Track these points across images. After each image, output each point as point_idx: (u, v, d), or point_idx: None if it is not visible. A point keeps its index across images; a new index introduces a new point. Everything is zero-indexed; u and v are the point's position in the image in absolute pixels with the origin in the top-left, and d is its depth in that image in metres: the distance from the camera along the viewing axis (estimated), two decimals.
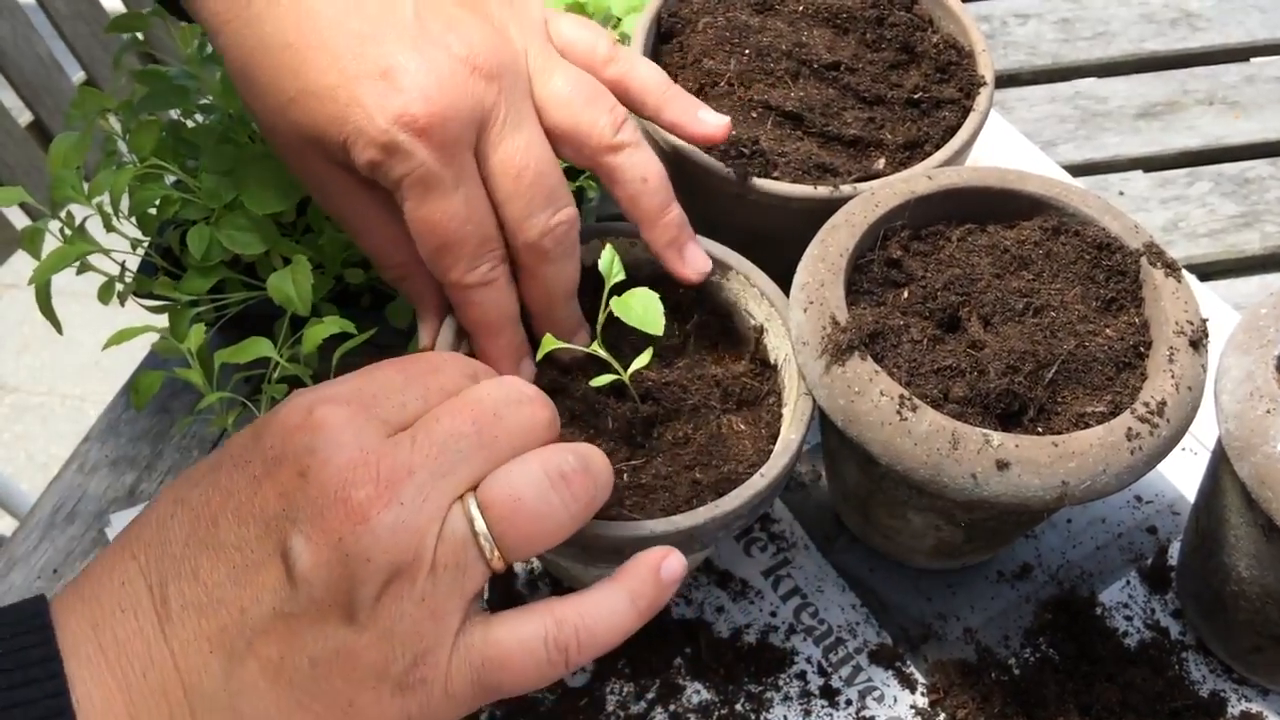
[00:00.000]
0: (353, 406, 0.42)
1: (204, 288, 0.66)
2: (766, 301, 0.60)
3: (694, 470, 0.55)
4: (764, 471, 0.53)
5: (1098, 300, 0.58)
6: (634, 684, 0.62)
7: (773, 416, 0.59)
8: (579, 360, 0.58)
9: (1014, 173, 0.62)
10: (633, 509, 0.53)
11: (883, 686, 0.62)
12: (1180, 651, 0.63)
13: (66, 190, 0.66)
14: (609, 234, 0.61)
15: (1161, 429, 0.52)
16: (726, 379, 0.59)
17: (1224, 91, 1.01)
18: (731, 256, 0.61)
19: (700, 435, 0.57)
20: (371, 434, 0.41)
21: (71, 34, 1.20)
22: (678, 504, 0.53)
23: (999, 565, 0.67)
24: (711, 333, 0.62)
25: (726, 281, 0.61)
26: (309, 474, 0.40)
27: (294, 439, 0.41)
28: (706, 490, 0.54)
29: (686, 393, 0.58)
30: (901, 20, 0.72)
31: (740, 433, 0.58)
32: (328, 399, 0.42)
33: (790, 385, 0.58)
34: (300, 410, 0.41)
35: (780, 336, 0.59)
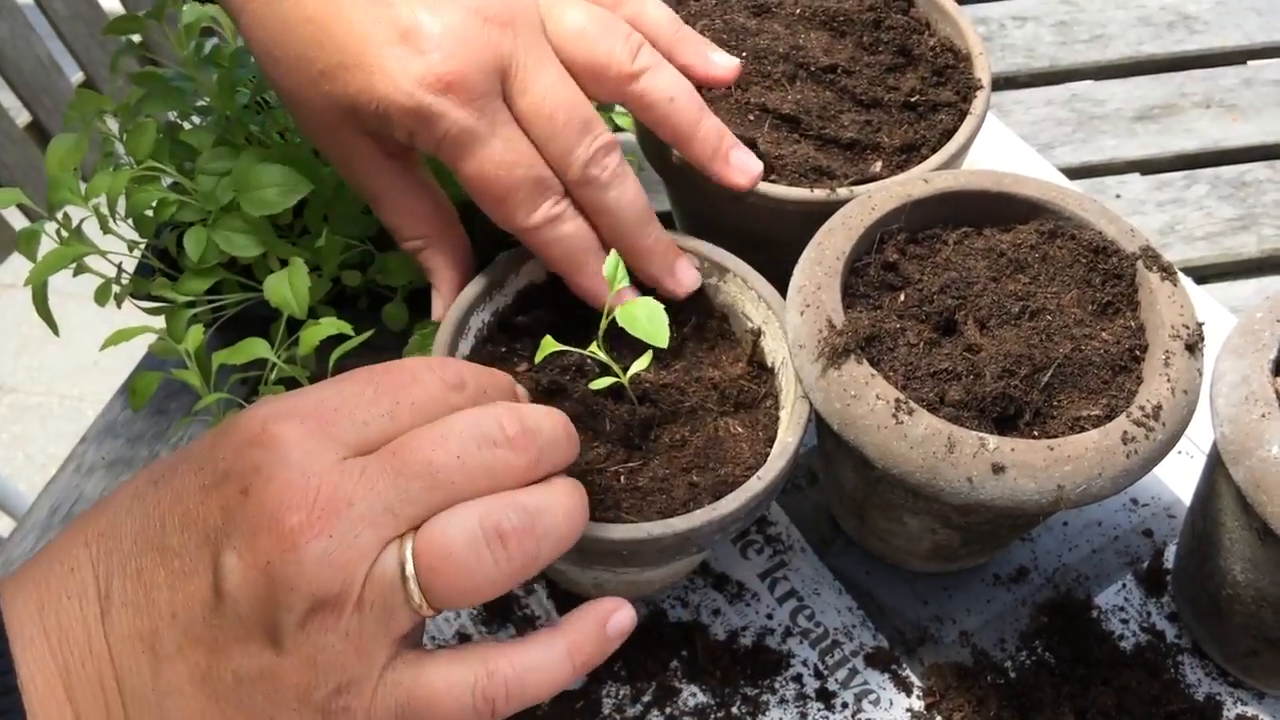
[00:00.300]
0: (309, 424, 0.40)
1: (201, 289, 0.66)
2: (764, 304, 0.60)
3: (691, 473, 0.55)
4: (761, 475, 0.53)
5: (1094, 304, 0.58)
6: (630, 686, 0.62)
7: (770, 420, 0.59)
8: (579, 360, 0.58)
9: (1010, 176, 0.62)
10: (629, 511, 0.53)
11: (879, 689, 0.62)
12: (1176, 655, 0.63)
13: (63, 192, 0.66)
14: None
15: (1157, 433, 0.52)
16: (724, 382, 0.59)
17: (1221, 94, 1.01)
18: (729, 259, 0.61)
19: (697, 438, 0.57)
20: (320, 457, 0.40)
21: (70, 35, 1.20)
22: (674, 506, 0.53)
23: (995, 568, 0.67)
24: (709, 335, 0.62)
25: (724, 284, 0.62)
26: (250, 492, 0.39)
27: (244, 454, 0.40)
28: (703, 493, 0.54)
29: (684, 395, 0.58)
30: (898, 23, 0.72)
31: (737, 435, 0.58)
32: (284, 414, 0.41)
33: (787, 388, 0.58)
34: (256, 422, 0.41)
35: (778, 339, 0.59)
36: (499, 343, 0.61)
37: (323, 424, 0.41)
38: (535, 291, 0.62)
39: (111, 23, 0.71)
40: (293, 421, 0.40)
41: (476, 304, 0.59)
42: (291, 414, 0.41)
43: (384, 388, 0.43)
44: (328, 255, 0.67)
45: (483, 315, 0.60)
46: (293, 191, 0.64)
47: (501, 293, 0.61)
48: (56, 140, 0.68)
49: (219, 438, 0.42)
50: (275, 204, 0.64)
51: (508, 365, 0.60)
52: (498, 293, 0.60)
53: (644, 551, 0.50)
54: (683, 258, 0.61)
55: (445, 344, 0.56)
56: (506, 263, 0.60)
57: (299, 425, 0.40)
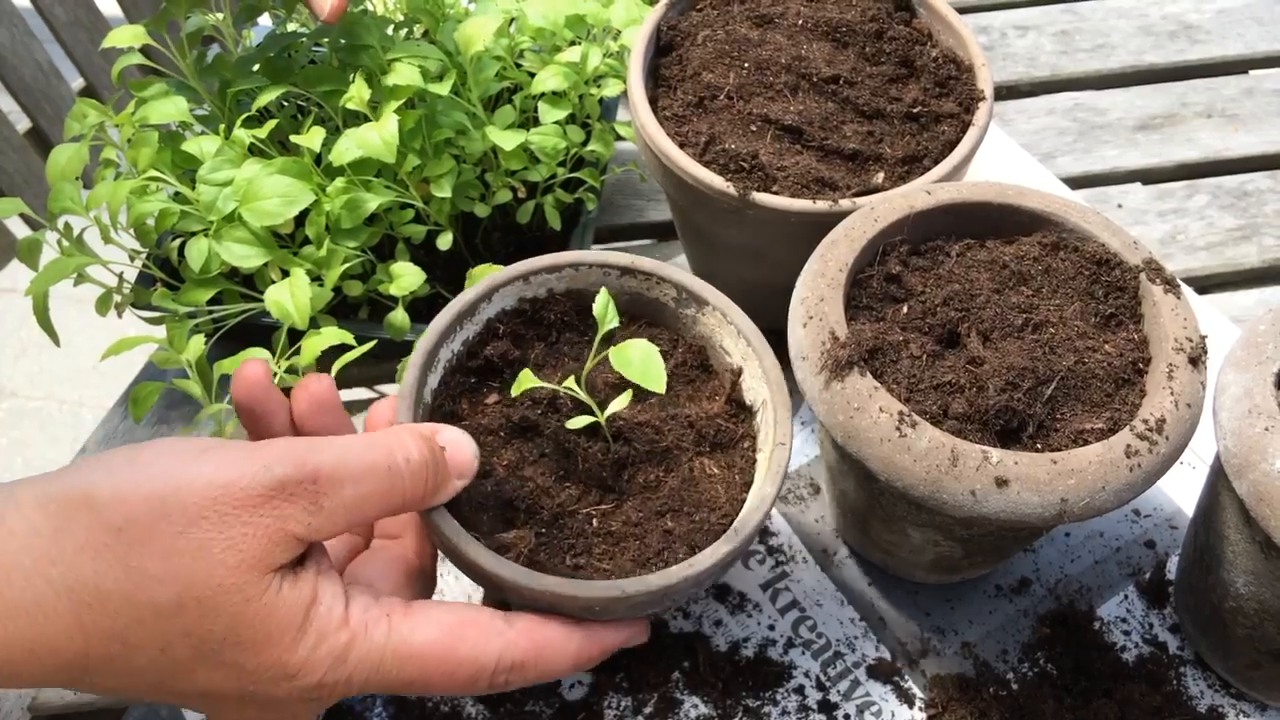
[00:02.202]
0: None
1: (202, 299, 0.66)
2: (744, 340, 0.57)
3: (665, 517, 0.54)
4: (737, 527, 0.51)
5: (1097, 316, 0.58)
6: (631, 698, 0.62)
7: (746, 461, 0.57)
8: (553, 393, 0.57)
9: (1013, 188, 0.62)
10: (601, 558, 0.52)
11: (881, 701, 0.62)
12: (1178, 666, 0.63)
13: (65, 201, 0.66)
14: (590, 264, 0.59)
15: (1160, 446, 0.52)
16: (701, 420, 0.57)
17: (1223, 104, 1.01)
18: (708, 291, 0.59)
19: (672, 479, 0.55)
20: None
21: (70, 41, 1.20)
22: (648, 555, 0.52)
23: (997, 579, 0.67)
24: (687, 369, 0.60)
25: (702, 316, 0.59)
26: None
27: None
28: (678, 542, 0.52)
29: (660, 434, 0.56)
30: (901, 34, 0.72)
31: (713, 476, 0.56)
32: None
33: (766, 431, 0.56)
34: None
35: (757, 379, 0.57)
36: (469, 373, 0.58)
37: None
38: (507, 318, 0.59)
39: (111, 36, 0.71)
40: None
41: (446, 335, 0.56)
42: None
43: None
44: (329, 265, 0.67)
45: (452, 346, 0.57)
46: (294, 202, 0.64)
47: (472, 320, 0.57)
48: (58, 149, 0.68)
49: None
50: (277, 214, 0.64)
51: (478, 397, 0.57)
52: (469, 321, 0.57)
53: (615, 609, 0.49)
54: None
55: (414, 382, 0.53)
56: (478, 288, 0.57)
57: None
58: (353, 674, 0.44)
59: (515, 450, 0.55)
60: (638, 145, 0.70)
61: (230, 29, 0.77)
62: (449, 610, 0.46)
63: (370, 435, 0.46)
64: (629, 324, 0.61)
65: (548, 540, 0.52)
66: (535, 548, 0.51)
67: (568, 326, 0.60)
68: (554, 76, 0.73)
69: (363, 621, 0.44)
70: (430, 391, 0.55)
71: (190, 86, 0.73)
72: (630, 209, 0.91)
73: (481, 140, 0.72)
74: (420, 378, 0.53)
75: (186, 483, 0.40)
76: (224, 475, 0.41)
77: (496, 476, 0.54)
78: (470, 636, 0.46)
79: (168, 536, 0.39)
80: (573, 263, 0.59)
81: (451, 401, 0.57)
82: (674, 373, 0.59)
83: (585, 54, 0.75)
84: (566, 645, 0.48)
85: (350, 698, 0.63)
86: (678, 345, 0.60)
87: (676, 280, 0.59)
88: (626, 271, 0.59)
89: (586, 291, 0.59)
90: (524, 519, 0.53)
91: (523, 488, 0.53)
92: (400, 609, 0.46)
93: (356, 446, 0.44)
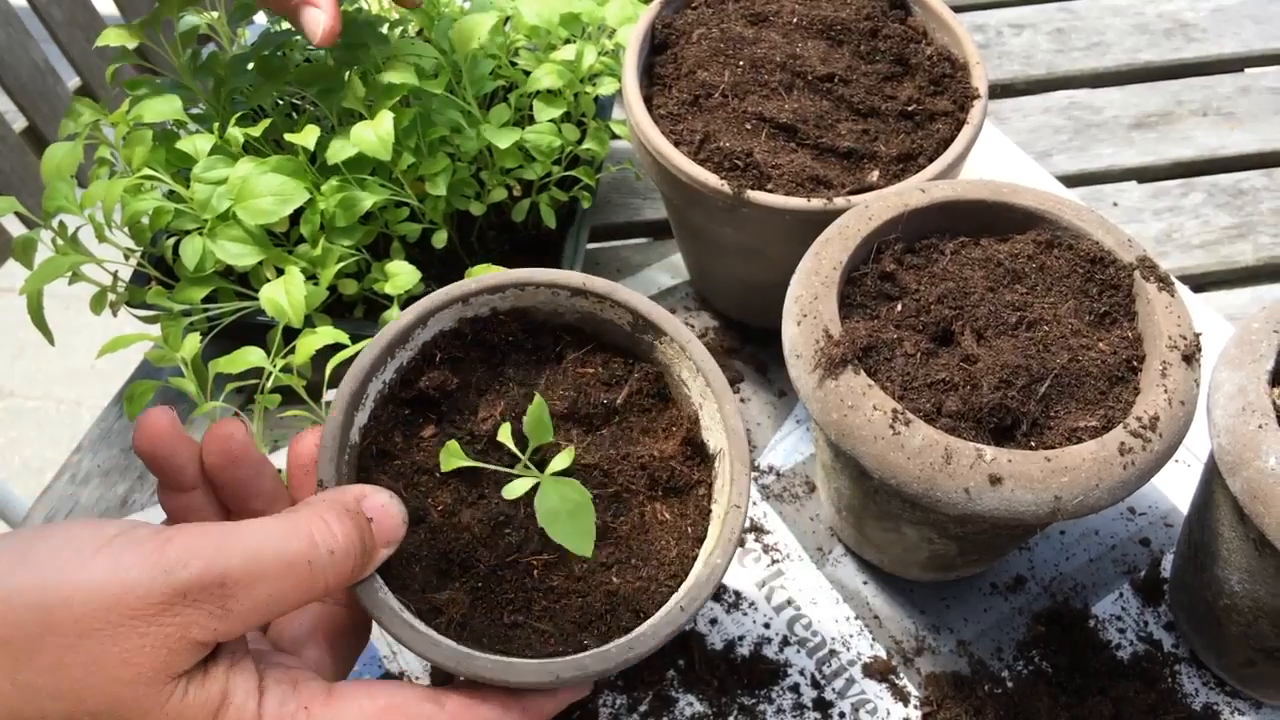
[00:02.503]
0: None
1: (197, 298, 0.66)
2: (701, 379, 0.53)
3: (611, 570, 0.50)
4: (684, 605, 0.47)
5: (1091, 314, 0.58)
6: (627, 695, 0.62)
7: (700, 512, 0.53)
8: (493, 428, 0.53)
9: (1008, 186, 0.62)
10: (541, 616, 0.49)
11: (876, 699, 0.62)
12: (1173, 664, 0.63)
13: (59, 200, 0.66)
14: (539, 283, 0.55)
15: (1154, 444, 0.52)
16: (654, 463, 0.53)
17: (1218, 102, 1.01)
18: (666, 321, 0.54)
19: (621, 525, 0.52)
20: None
21: (67, 40, 1.20)
22: (590, 618, 0.49)
23: (992, 577, 0.67)
24: (642, 397, 0.56)
25: (660, 344, 0.55)
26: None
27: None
28: (622, 605, 0.49)
29: (609, 478, 0.53)
30: (896, 32, 0.72)
31: (664, 523, 0.53)
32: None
33: (722, 485, 0.52)
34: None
35: (715, 424, 0.53)
36: (402, 404, 0.53)
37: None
38: (445, 341, 0.54)
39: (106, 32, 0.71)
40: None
41: (375, 368, 0.51)
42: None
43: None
44: (324, 264, 0.66)
45: (384, 377, 0.52)
46: (289, 200, 0.64)
47: (406, 347, 0.53)
48: (53, 148, 0.68)
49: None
50: (271, 213, 0.64)
51: (412, 430, 0.53)
52: (401, 349, 0.52)
53: (550, 686, 0.45)
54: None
55: (337, 427, 0.48)
56: (411, 313, 0.53)
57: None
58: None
59: (452, 491, 0.51)
60: (633, 143, 0.70)
61: (225, 28, 0.77)
62: (374, 695, 0.43)
63: (290, 520, 0.42)
64: (580, 345, 0.56)
65: (484, 594, 0.49)
66: (470, 607, 0.48)
67: (515, 347, 0.56)
68: (549, 75, 0.73)
69: (278, 718, 0.41)
70: (359, 430, 0.51)
71: (185, 85, 0.73)
72: (625, 207, 0.91)
73: (477, 138, 0.72)
74: (346, 419, 0.49)
75: (77, 590, 0.37)
76: (118, 581, 0.37)
77: (431, 523, 0.50)
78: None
79: (56, 650, 0.36)
80: (518, 282, 0.54)
81: (383, 438, 0.52)
82: (627, 402, 0.55)
83: (580, 52, 0.75)
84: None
85: None
86: (632, 370, 0.56)
87: (632, 306, 0.54)
88: (578, 293, 0.55)
89: (535, 309, 0.55)
90: (459, 572, 0.49)
91: (459, 538, 0.49)
92: (320, 698, 0.42)
93: (273, 539, 0.40)
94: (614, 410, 0.55)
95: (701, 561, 0.50)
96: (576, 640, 0.48)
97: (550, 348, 0.56)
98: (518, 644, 0.48)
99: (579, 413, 0.54)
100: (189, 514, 0.48)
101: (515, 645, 0.48)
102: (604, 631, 0.49)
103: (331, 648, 0.48)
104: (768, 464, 0.73)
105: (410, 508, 0.48)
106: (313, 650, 0.48)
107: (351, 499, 0.44)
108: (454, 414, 0.54)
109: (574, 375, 0.56)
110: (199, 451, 0.47)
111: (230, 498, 0.48)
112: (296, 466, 0.49)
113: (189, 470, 0.47)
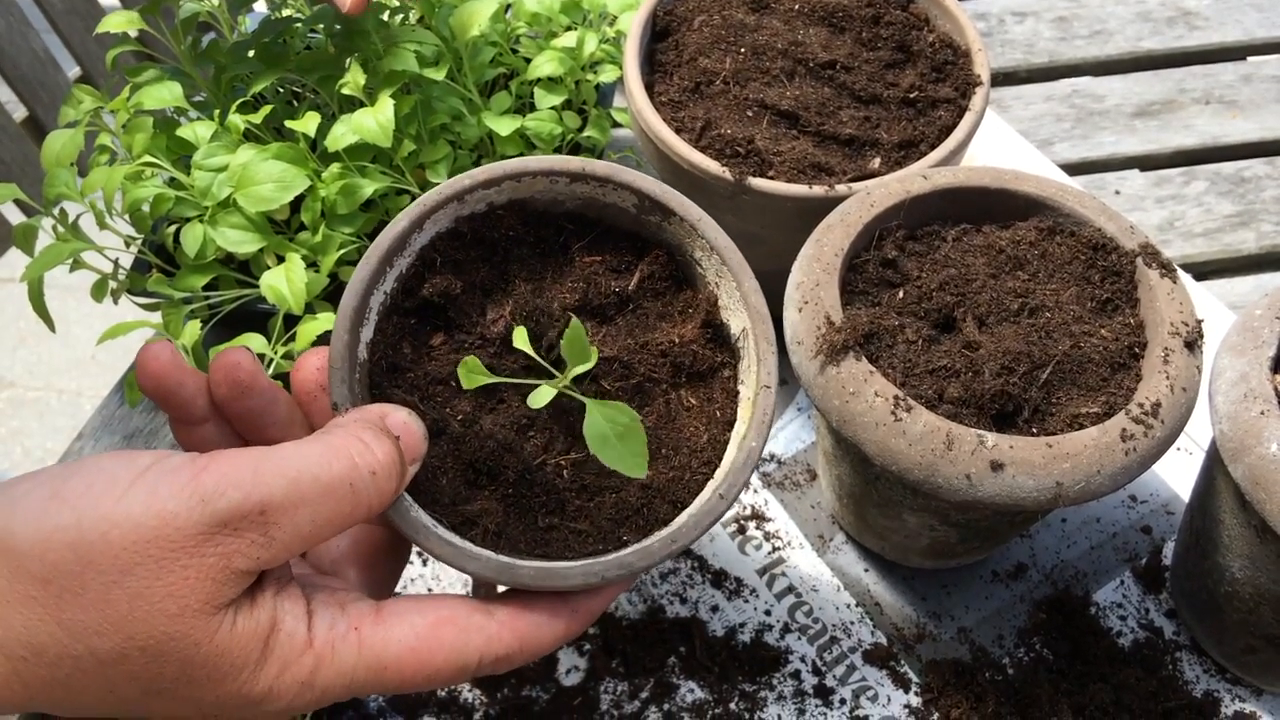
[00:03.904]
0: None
1: (198, 285, 0.66)
2: (717, 258, 0.51)
3: None
4: (723, 493, 0.46)
5: (1093, 301, 0.58)
6: (628, 683, 0.62)
7: (726, 396, 0.51)
8: (506, 330, 0.51)
9: (1009, 173, 0.62)
10: (576, 515, 0.47)
11: (877, 686, 0.62)
12: (1174, 652, 0.63)
13: (60, 187, 0.66)
14: (535, 171, 0.51)
15: (1156, 430, 0.52)
16: (675, 349, 0.51)
17: (1221, 90, 1.01)
18: (673, 199, 0.51)
19: (648, 417, 0.50)
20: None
21: (67, 29, 1.20)
22: (626, 513, 0.48)
23: (994, 565, 0.67)
24: (655, 282, 0.53)
25: (669, 225, 0.52)
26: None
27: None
28: (658, 497, 0.48)
29: (630, 370, 0.51)
30: (898, 19, 0.71)
31: (691, 410, 0.51)
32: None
33: (749, 366, 0.50)
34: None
35: (736, 304, 0.51)
36: (407, 314, 0.51)
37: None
38: (444, 243, 0.51)
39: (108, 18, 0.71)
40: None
41: (374, 281, 0.48)
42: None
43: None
44: (325, 251, 0.66)
45: (384, 288, 0.49)
46: (290, 187, 0.64)
47: (404, 254, 0.50)
48: (53, 135, 0.68)
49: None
50: (272, 200, 0.64)
51: (421, 339, 0.51)
52: (399, 256, 0.50)
53: (595, 585, 0.44)
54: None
55: (344, 345, 0.46)
56: (404, 216, 0.50)
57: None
58: (323, 695, 0.40)
59: (470, 399, 0.49)
60: (634, 131, 0.70)
61: (225, 15, 0.77)
62: (423, 610, 0.42)
63: (327, 443, 0.40)
64: (583, 234, 0.53)
65: (516, 500, 0.48)
66: (503, 516, 0.47)
67: (516, 242, 0.53)
68: (550, 62, 0.73)
69: (328, 641, 0.40)
70: (365, 346, 0.48)
71: (185, 72, 0.73)
72: None
73: (477, 126, 0.71)
74: (351, 338, 0.47)
75: (114, 525, 0.36)
76: (155, 514, 0.36)
77: (452, 433, 0.48)
78: (448, 638, 0.42)
79: (99, 588, 0.36)
80: (514, 173, 0.51)
81: (392, 351, 0.50)
82: (640, 288, 0.53)
83: (581, 39, 0.74)
84: (552, 629, 0.44)
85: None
86: (643, 255, 0.54)
87: (636, 186, 0.51)
88: (578, 178, 0.51)
89: (533, 200, 0.52)
90: (487, 481, 0.48)
91: (483, 446, 0.48)
92: (370, 617, 0.42)
93: (313, 462, 0.39)
94: (627, 298, 0.53)
95: (735, 446, 0.49)
96: (615, 536, 0.47)
97: (553, 240, 0.53)
98: (556, 546, 0.47)
99: (590, 304, 0.52)
100: (206, 447, 0.46)
101: (553, 548, 0.47)
102: (642, 525, 0.47)
103: (372, 569, 0.48)
104: (769, 452, 0.72)
105: (429, 420, 0.47)
106: (353, 572, 0.47)
107: (377, 417, 0.43)
108: (461, 319, 0.51)
109: (581, 266, 0.53)
110: (206, 384, 0.45)
111: (245, 428, 0.47)
112: (303, 393, 0.48)
113: (198, 402, 0.45)
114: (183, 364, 0.45)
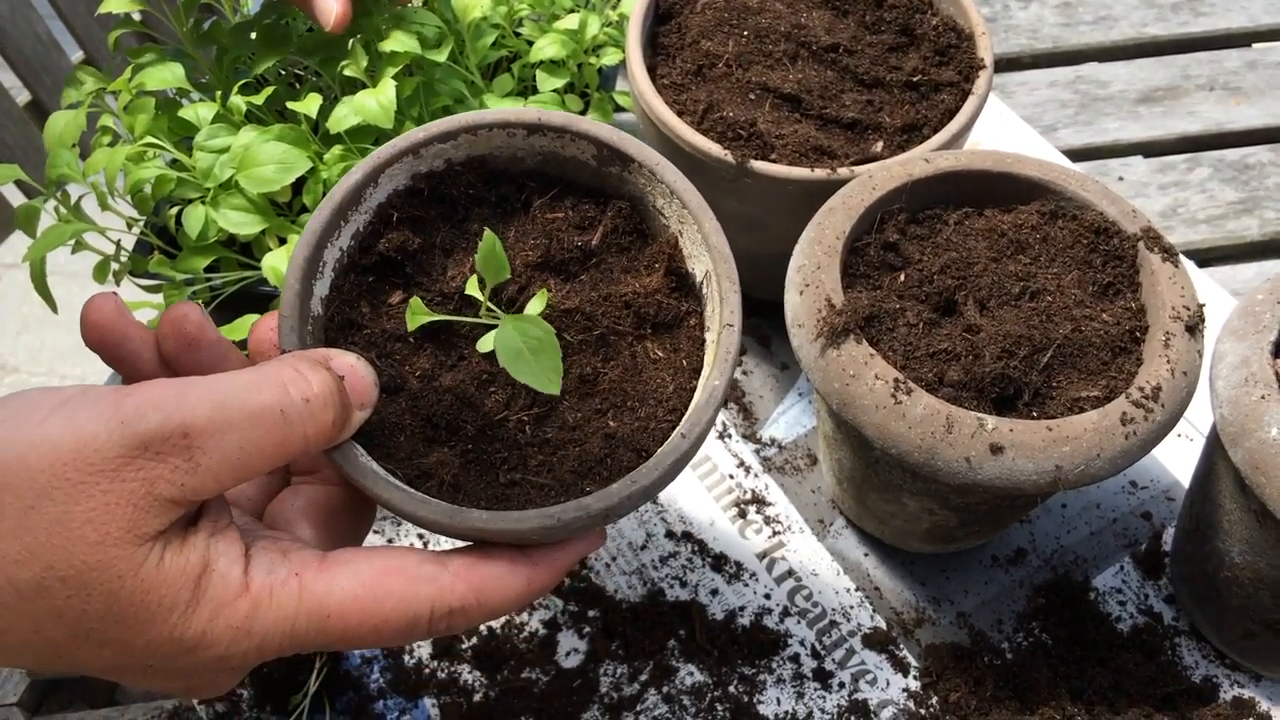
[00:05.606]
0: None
1: (200, 267, 0.66)
2: (677, 201, 0.50)
3: (607, 415, 0.48)
4: (684, 431, 0.45)
5: (1094, 285, 0.58)
6: (627, 665, 0.62)
7: (693, 344, 0.50)
8: (463, 284, 0.50)
9: (1011, 156, 0.62)
10: (538, 470, 0.46)
11: (876, 670, 0.62)
12: (1173, 637, 0.63)
13: (62, 168, 0.66)
14: (491, 124, 0.51)
15: (1156, 414, 0.52)
16: (638, 299, 0.50)
17: (1225, 77, 1.01)
18: (631, 145, 0.51)
19: (612, 369, 0.49)
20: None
21: (70, 13, 1.19)
22: (589, 464, 0.46)
23: (993, 549, 0.67)
24: (619, 236, 0.53)
25: (628, 175, 0.51)
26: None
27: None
28: (621, 446, 0.47)
29: (593, 321, 0.49)
30: (901, 2, 0.71)
31: (658, 361, 0.50)
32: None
33: (713, 309, 0.49)
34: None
35: (698, 246, 0.50)
36: (364, 271, 0.50)
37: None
38: (401, 200, 0.51)
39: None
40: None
41: (328, 234, 0.47)
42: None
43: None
44: None
45: (339, 243, 0.48)
46: (292, 169, 0.64)
47: (359, 210, 0.49)
48: (55, 116, 0.68)
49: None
50: (274, 181, 0.64)
51: (379, 297, 0.50)
52: (355, 211, 0.49)
53: (554, 535, 0.43)
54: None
55: (295, 295, 0.45)
56: (359, 168, 0.49)
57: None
58: (264, 643, 0.39)
59: (429, 356, 0.48)
60: (636, 114, 0.69)
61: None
62: (370, 559, 0.41)
63: (258, 370, 0.39)
64: (545, 190, 0.53)
65: (476, 457, 0.46)
66: (461, 469, 0.46)
67: (476, 201, 0.52)
68: (552, 45, 0.73)
69: (266, 585, 0.39)
70: (320, 301, 0.47)
71: (187, 54, 0.73)
72: None
73: (479, 108, 0.71)
74: (303, 288, 0.46)
75: (32, 448, 0.34)
76: (73, 435, 0.35)
77: (410, 390, 0.47)
78: (395, 587, 0.40)
79: (16, 512, 0.34)
80: (469, 125, 0.50)
81: (348, 308, 0.49)
82: (604, 243, 0.52)
83: (584, 22, 0.74)
84: (513, 580, 0.42)
85: (349, 663, 0.63)
86: (605, 209, 0.52)
87: (594, 135, 0.51)
88: (534, 129, 0.51)
89: (492, 157, 0.52)
90: (446, 436, 0.46)
91: (441, 400, 0.47)
92: (314, 565, 0.40)
93: (241, 386, 0.37)
94: (590, 253, 0.52)
95: (700, 386, 0.47)
96: (579, 489, 0.46)
97: (515, 197, 0.53)
98: (517, 501, 0.45)
99: (553, 260, 0.51)
100: None
101: (515, 503, 0.45)
102: (605, 476, 0.46)
103: (328, 527, 0.46)
104: (769, 436, 0.73)
105: (386, 376, 0.46)
106: (308, 530, 0.45)
107: (318, 354, 0.42)
108: (421, 276, 0.50)
109: (543, 222, 0.52)
110: (154, 339, 0.44)
111: None
112: (259, 354, 0.47)
113: (145, 356, 0.44)
114: (127, 316, 0.43)
